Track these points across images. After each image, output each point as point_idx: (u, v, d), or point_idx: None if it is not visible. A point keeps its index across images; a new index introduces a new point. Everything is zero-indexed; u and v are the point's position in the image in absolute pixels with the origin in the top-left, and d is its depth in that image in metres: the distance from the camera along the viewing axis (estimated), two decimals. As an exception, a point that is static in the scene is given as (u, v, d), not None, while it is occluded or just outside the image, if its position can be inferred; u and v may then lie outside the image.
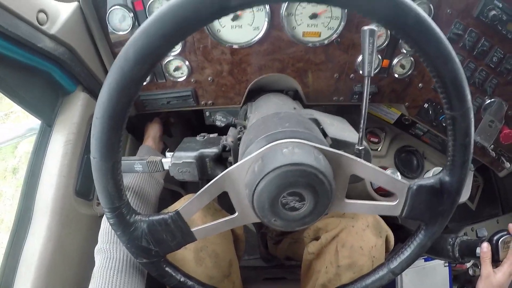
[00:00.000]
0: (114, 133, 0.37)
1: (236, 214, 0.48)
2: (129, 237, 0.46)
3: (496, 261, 0.75)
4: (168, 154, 0.62)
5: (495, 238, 0.76)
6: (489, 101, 0.84)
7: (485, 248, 0.75)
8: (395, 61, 0.80)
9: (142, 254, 0.48)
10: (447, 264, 1.02)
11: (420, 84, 0.84)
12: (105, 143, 0.37)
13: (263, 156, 0.42)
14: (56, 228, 0.65)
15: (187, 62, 0.78)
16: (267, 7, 0.71)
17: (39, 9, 0.60)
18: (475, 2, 0.73)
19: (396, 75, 0.82)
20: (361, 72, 0.68)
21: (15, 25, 0.56)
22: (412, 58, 0.80)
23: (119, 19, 0.71)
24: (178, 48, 0.76)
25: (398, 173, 1.02)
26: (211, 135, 0.67)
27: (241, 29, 0.74)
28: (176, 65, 0.79)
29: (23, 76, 0.64)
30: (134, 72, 0.33)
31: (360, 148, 0.50)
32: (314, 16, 0.72)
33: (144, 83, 0.77)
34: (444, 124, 0.90)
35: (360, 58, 0.78)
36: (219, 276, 0.68)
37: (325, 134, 0.58)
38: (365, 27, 0.45)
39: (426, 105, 0.88)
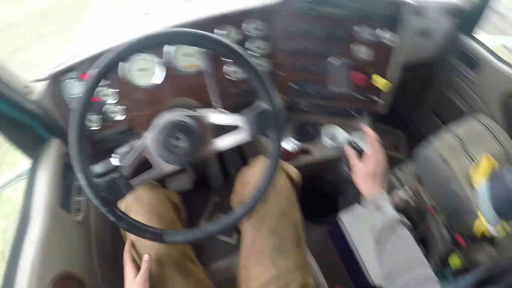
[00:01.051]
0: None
1: (156, 169, 0.76)
2: (95, 191, 0.69)
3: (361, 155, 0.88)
4: (114, 155, 0.88)
5: (349, 138, 1.03)
6: (335, 60, 1.14)
7: (347, 150, 0.90)
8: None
9: (105, 204, 0.70)
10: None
11: (281, 72, 1.20)
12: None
13: (160, 126, 0.73)
14: (48, 224, 0.89)
15: (120, 106, 1.12)
16: (161, 59, 1.11)
17: (24, 85, 1.00)
18: (292, 10, 1.11)
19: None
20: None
21: (12, 94, 0.94)
22: None
23: (71, 87, 1.10)
24: (115, 98, 1.09)
25: (297, 142, 1.31)
26: None
27: (148, 76, 1.13)
28: (113, 110, 1.14)
29: (16, 127, 1.00)
30: (84, 104, 0.68)
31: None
32: (188, 55, 1.14)
33: (97, 128, 1.15)
34: (312, 93, 1.23)
35: (225, 69, 1.19)
36: None
37: None
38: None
39: (291, 85, 1.20)
